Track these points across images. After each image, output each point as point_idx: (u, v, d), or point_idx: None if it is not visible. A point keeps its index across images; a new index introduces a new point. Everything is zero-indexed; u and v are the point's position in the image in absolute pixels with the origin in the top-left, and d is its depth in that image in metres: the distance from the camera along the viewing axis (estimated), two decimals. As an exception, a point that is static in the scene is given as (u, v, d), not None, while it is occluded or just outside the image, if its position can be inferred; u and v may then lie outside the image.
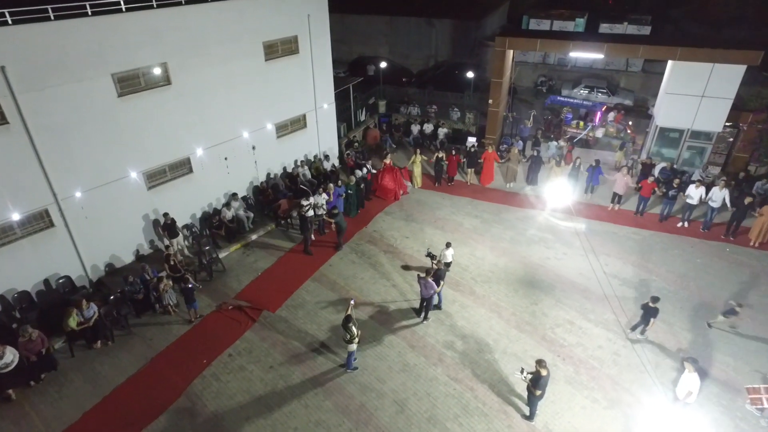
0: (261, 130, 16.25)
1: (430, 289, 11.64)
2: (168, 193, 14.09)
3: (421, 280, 11.61)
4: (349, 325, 10.23)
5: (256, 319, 12.41)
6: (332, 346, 11.52)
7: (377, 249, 15.14)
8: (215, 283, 13.78)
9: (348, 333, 10.27)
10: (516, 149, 18.48)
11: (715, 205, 14.96)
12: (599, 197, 17.67)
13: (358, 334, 10.44)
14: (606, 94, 25.11)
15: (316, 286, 13.58)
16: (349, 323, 10.22)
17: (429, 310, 12.17)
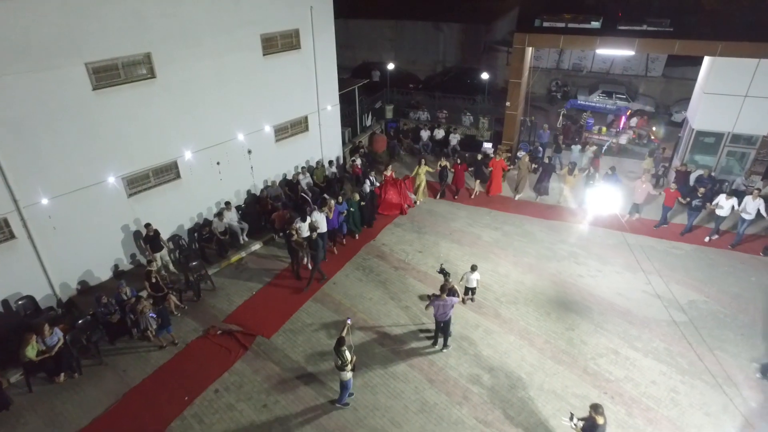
0: (258, 132, 14.69)
1: (448, 310, 9.96)
2: (151, 201, 12.47)
3: (434, 301, 9.93)
4: (341, 349, 8.60)
5: (249, 347, 10.70)
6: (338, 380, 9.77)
7: (387, 265, 13.46)
8: (203, 303, 12.09)
9: (340, 358, 8.65)
10: (527, 157, 16.89)
11: (748, 217, 13.30)
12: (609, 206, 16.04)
13: (352, 360, 8.81)
14: (625, 99, 23.64)
15: (317, 308, 11.88)
16: (341, 347, 8.60)
17: (448, 336, 10.46)
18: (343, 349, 8.62)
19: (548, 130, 19.26)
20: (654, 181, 16.86)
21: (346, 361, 8.66)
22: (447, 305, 9.91)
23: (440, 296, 9.90)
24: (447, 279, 10.63)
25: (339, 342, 8.63)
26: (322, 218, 12.95)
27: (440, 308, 9.96)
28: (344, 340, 8.66)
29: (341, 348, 8.61)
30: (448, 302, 9.89)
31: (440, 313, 10.00)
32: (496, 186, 17.08)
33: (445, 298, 9.85)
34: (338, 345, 8.63)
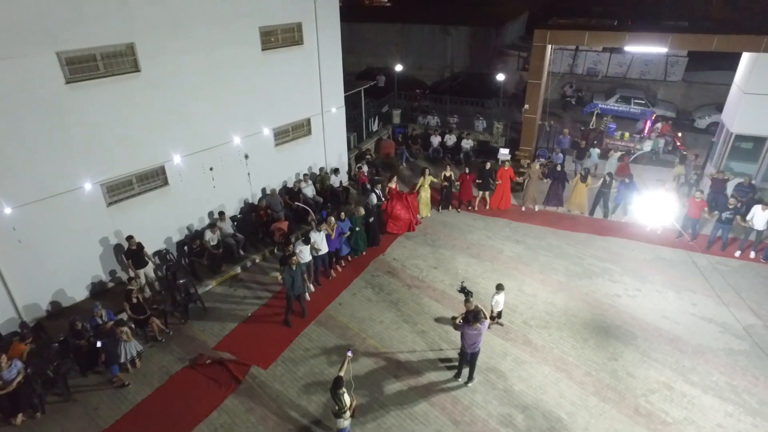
0: (256, 135, 13.35)
1: (478, 340, 8.52)
2: (135, 210, 11.09)
3: (464, 329, 8.49)
4: (339, 392, 7.17)
5: (242, 379, 9.23)
6: (345, 421, 8.31)
7: (398, 282, 12.03)
8: (191, 327, 10.63)
9: (337, 403, 7.21)
10: (537, 164, 15.42)
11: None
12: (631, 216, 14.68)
13: (352, 405, 7.38)
14: (644, 105, 22.34)
15: (321, 333, 10.42)
16: (339, 389, 7.16)
17: (474, 369, 8.99)
18: (341, 392, 7.17)
19: (568, 135, 17.91)
20: (686, 189, 15.49)
21: (345, 407, 7.22)
22: (480, 334, 8.44)
23: (472, 324, 8.39)
24: (469, 299, 9.19)
25: (336, 383, 7.18)
26: (322, 238, 11.37)
27: (471, 338, 8.48)
28: (342, 381, 7.21)
29: (338, 391, 7.16)
30: (482, 330, 8.43)
31: (471, 343, 8.52)
32: (504, 198, 15.55)
33: (478, 326, 8.37)
34: (335, 387, 7.19)
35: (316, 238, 11.23)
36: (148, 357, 9.82)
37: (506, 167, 15.35)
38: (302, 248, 10.89)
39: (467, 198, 15.51)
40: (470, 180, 15.29)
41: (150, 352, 9.96)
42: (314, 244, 11.13)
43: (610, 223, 14.58)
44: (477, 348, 8.62)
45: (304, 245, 10.91)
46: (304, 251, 10.94)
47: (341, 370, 7.48)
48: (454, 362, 9.53)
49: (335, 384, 7.19)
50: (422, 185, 14.78)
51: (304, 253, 10.91)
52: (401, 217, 14.11)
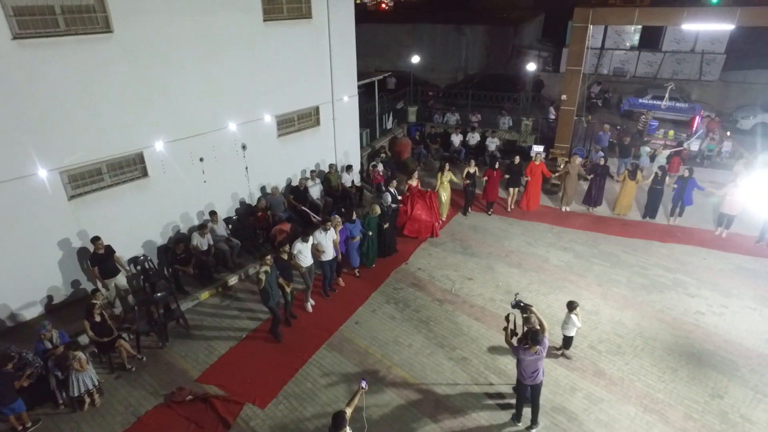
0: (255, 122, 11.33)
1: (539, 367, 6.34)
2: (104, 206, 9.00)
3: (520, 354, 6.31)
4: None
5: (232, 423, 7.02)
6: (371, 486, 6.08)
7: (427, 297, 9.85)
8: (170, 352, 8.45)
9: None
10: (578, 158, 13.44)
11: None
12: (692, 220, 12.61)
13: None
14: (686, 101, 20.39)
15: (335, 360, 8.22)
16: (339, 430, 5.07)
17: (538, 408, 6.77)
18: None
19: (609, 131, 15.90)
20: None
21: None
22: (540, 359, 6.29)
23: (530, 348, 6.26)
24: (528, 314, 7.04)
25: (337, 423, 5.10)
26: (328, 239, 9.30)
27: (530, 366, 6.33)
28: (345, 419, 5.13)
29: None
30: (542, 354, 6.28)
31: (530, 372, 6.37)
32: (534, 197, 13.59)
33: (537, 349, 6.23)
34: (335, 427, 5.10)
35: (320, 238, 9.20)
36: (111, 391, 7.63)
37: (537, 162, 13.31)
38: (301, 247, 8.91)
39: (492, 198, 13.42)
40: (497, 177, 13.22)
41: (115, 384, 7.77)
42: (317, 245, 9.13)
43: (669, 228, 12.44)
44: (539, 379, 6.44)
45: (302, 243, 8.94)
46: (303, 251, 8.95)
47: (349, 405, 5.44)
48: (508, 399, 7.33)
49: (335, 423, 5.09)
50: (441, 183, 12.71)
51: (303, 255, 8.94)
52: (422, 219, 11.98)
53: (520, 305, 7.27)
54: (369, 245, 10.59)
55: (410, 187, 12.17)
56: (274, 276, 8.26)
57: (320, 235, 9.23)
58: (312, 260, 9.23)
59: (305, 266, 9.05)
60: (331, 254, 9.39)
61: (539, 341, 6.21)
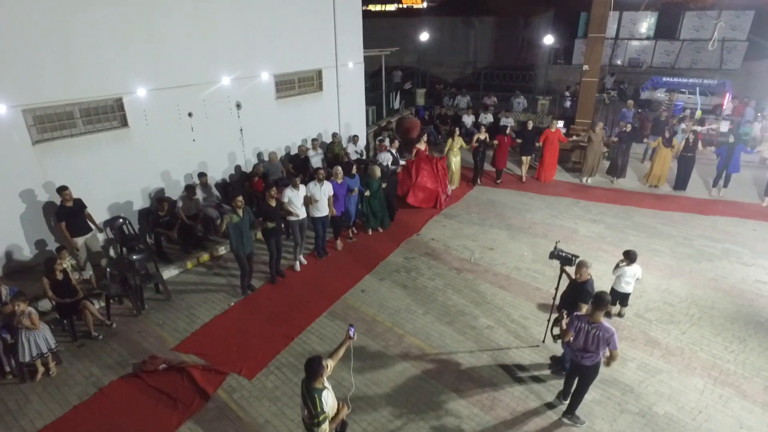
0: (252, 79, 10.30)
1: (601, 345, 4.97)
2: (77, 156, 7.89)
3: (573, 323, 5.00)
4: (315, 388, 3.94)
5: (212, 394, 5.77)
6: (382, 466, 4.82)
7: (443, 266, 8.63)
8: (146, 320, 7.24)
9: (313, 406, 3.90)
10: (600, 125, 12.50)
11: None
12: (738, 191, 11.56)
13: (338, 415, 4.15)
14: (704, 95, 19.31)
15: (336, 328, 6.98)
16: (314, 380, 3.95)
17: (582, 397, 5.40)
18: (320, 389, 3.92)
19: (633, 108, 14.81)
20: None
21: (321, 413, 3.88)
22: (601, 335, 4.87)
23: (592, 313, 4.91)
24: (581, 265, 5.83)
25: (311, 369, 3.92)
26: (323, 194, 8.31)
27: (586, 339, 4.93)
28: (322, 366, 3.94)
29: (314, 383, 3.92)
30: (602, 328, 4.89)
31: (585, 347, 4.96)
32: (550, 168, 12.55)
33: (599, 319, 4.91)
34: (310, 376, 3.93)
35: (314, 190, 8.25)
36: (72, 360, 6.41)
37: (553, 129, 12.26)
38: (291, 195, 8.04)
39: (501, 166, 12.46)
40: (508, 143, 12.30)
41: (77, 353, 6.55)
42: (312, 196, 8.21)
43: (708, 201, 11.26)
44: (596, 358, 4.95)
45: (293, 191, 8.04)
46: (294, 201, 8.05)
47: (332, 356, 4.31)
48: (545, 371, 6.07)
49: (309, 371, 3.91)
50: (451, 149, 11.75)
51: (294, 205, 8.06)
52: (427, 187, 10.91)
53: (561, 255, 6.06)
54: (373, 207, 9.64)
55: (418, 151, 11.14)
56: (248, 221, 7.32)
57: (314, 186, 8.27)
58: (305, 213, 8.27)
59: (296, 219, 8.15)
60: (325, 210, 8.44)
61: (604, 303, 4.88)
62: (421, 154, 11.16)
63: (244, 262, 7.56)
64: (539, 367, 6.16)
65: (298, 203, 8.09)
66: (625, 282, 6.73)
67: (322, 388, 3.95)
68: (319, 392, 3.90)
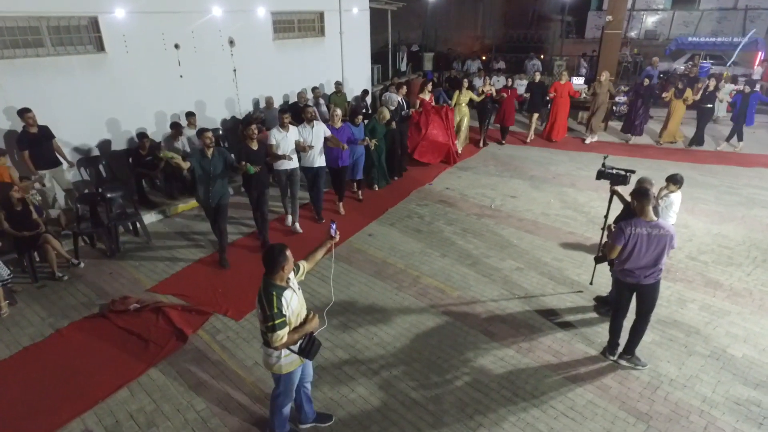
0: (245, 14, 9.31)
1: (661, 255, 3.97)
2: (43, 79, 6.89)
3: (625, 230, 3.96)
4: (272, 284, 3.06)
5: (190, 335, 4.79)
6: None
7: (461, 212, 7.64)
8: (119, 262, 6.28)
9: (268, 305, 3.00)
10: (606, 75, 11.21)
11: None
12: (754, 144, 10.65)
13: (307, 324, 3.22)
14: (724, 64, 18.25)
15: (340, 269, 6.00)
16: (273, 275, 3.06)
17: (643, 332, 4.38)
18: (281, 287, 3.08)
19: (657, 65, 13.78)
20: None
21: (277, 315, 3.00)
22: (661, 235, 3.93)
23: (640, 209, 4.00)
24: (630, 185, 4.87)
25: (271, 260, 3.04)
26: (316, 138, 6.72)
27: (646, 247, 3.95)
28: (285, 258, 3.04)
29: (273, 280, 3.08)
30: (661, 226, 3.95)
31: (643, 259, 4.00)
32: (561, 125, 11.42)
33: (654, 219, 3.97)
34: (269, 271, 3.08)
35: (306, 134, 6.66)
36: (29, 301, 5.44)
37: (563, 81, 11.14)
38: (278, 138, 6.36)
39: (508, 122, 11.26)
40: (513, 96, 11.15)
41: (36, 294, 5.58)
42: (302, 141, 6.56)
43: (745, 155, 10.25)
44: (656, 277, 4.04)
45: (279, 132, 6.39)
46: (282, 145, 6.36)
47: (308, 258, 3.56)
48: (587, 314, 5.09)
49: (268, 260, 3.05)
50: (457, 103, 10.46)
51: (283, 148, 6.36)
52: (438, 140, 9.69)
53: (611, 173, 5.07)
54: (375, 160, 8.36)
55: (423, 102, 9.98)
56: (221, 164, 5.68)
57: (305, 129, 6.68)
58: (296, 163, 6.69)
59: (285, 168, 6.61)
60: (319, 160, 6.90)
61: (647, 196, 3.95)
62: (426, 105, 10.01)
63: (209, 215, 6.03)
64: (583, 309, 5.17)
65: (287, 148, 6.44)
66: (674, 212, 5.67)
67: (284, 286, 3.06)
68: (279, 289, 3.01)
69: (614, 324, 4.37)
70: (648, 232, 3.92)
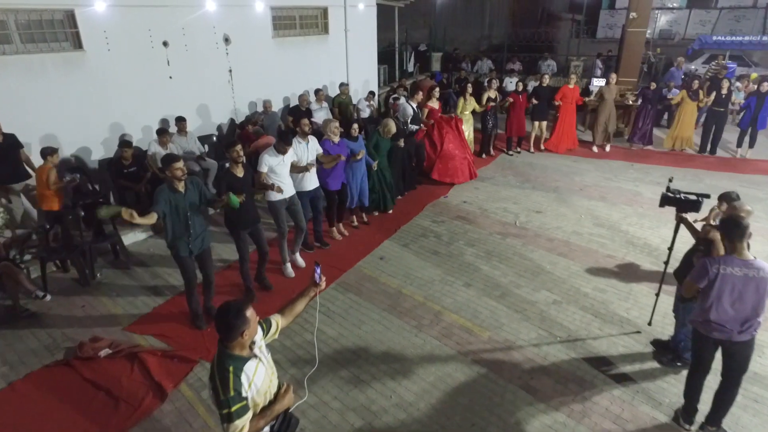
0: (243, 9, 8.49)
1: (761, 307, 3.16)
2: (13, 80, 6.04)
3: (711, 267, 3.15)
4: (228, 355, 2.27)
5: (170, 391, 3.96)
6: None
7: (482, 230, 6.80)
8: (94, 291, 5.46)
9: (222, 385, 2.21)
10: (614, 77, 10.28)
11: None
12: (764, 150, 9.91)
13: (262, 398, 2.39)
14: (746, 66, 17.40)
15: (348, 302, 5.18)
16: (230, 342, 2.26)
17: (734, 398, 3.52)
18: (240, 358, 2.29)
19: (682, 66, 12.96)
20: None
21: (232, 399, 2.19)
22: (761, 285, 3.08)
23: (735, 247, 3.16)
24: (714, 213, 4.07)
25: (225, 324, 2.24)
26: (309, 152, 5.66)
27: (734, 297, 3.13)
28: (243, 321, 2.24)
29: (230, 349, 2.28)
30: (758, 267, 3.10)
31: (735, 308, 3.17)
32: (569, 134, 10.41)
33: (750, 257, 3.13)
34: (223, 337, 2.27)
35: (299, 152, 5.56)
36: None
37: (571, 85, 10.17)
38: (272, 163, 5.14)
39: (518, 133, 10.20)
40: (523, 104, 10.00)
41: (-8, 333, 4.75)
42: (297, 161, 5.48)
43: (789, 165, 9.43)
44: (751, 332, 3.21)
45: (274, 157, 5.17)
46: (277, 171, 5.19)
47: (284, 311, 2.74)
48: (647, 364, 4.26)
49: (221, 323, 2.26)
50: (462, 112, 9.45)
51: (277, 176, 5.20)
52: (455, 155, 8.67)
53: (680, 198, 4.25)
54: (379, 181, 7.17)
55: (431, 111, 8.93)
56: (196, 197, 4.41)
57: (299, 146, 5.56)
58: (293, 189, 5.49)
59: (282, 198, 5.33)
60: (313, 181, 5.81)
61: (741, 228, 3.12)
62: (435, 114, 9.03)
63: (188, 271, 4.59)
64: (640, 357, 4.34)
65: (282, 173, 5.25)
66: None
67: (245, 356, 2.30)
68: (237, 362, 2.25)
69: (691, 385, 3.55)
70: (744, 274, 3.11)
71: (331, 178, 6.12)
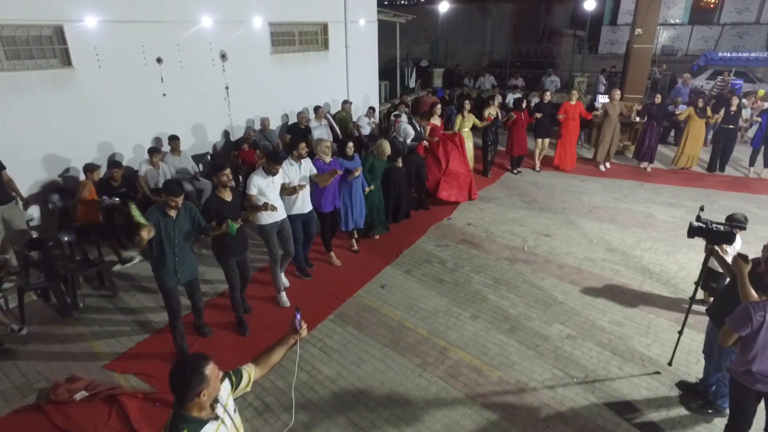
0: (240, 24, 8.26)
1: None
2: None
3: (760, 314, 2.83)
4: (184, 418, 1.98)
5: (151, 442, 3.60)
6: None
7: (488, 255, 6.46)
8: (75, 324, 5.11)
9: None
10: (617, 93, 9.99)
11: None
12: None
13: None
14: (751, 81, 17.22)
15: (346, 336, 4.82)
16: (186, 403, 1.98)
17: None
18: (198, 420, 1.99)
19: (689, 83, 12.74)
20: None
21: None
22: None
23: None
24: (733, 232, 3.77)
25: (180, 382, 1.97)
26: (300, 175, 5.33)
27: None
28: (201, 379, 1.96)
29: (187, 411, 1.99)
30: None
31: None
32: (571, 152, 10.06)
33: None
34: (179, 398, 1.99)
35: (291, 173, 5.24)
36: None
37: (573, 101, 9.79)
38: (261, 185, 4.81)
39: (519, 152, 9.77)
40: (525, 121, 9.59)
41: (-39, 371, 4.39)
42: (288, 183, 5.17)
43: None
44: None
45: (263, 178, 4.84)
46: (266, 192, 4.83)
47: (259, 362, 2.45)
48: (675, 409, 3.88)
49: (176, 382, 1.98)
50: (461, 128, 9.06)
51: (266, 197, 4.80)
52: (459, 173, 8.35)
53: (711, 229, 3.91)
54: (373, 203, 6.79)
55: (434, 129, 8.59)
56: (188, 225, 4.17)
57: (291, 168, 5.25)
58: (284, 213, 5.19)
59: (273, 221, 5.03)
60: (309, 202, 5.54)
61: None
62: (437, 131, 8.72)
63: (172, 301, 4.31)
64: (666, 402, 3.97)
65: (271, 195, 4.89)
66: (731, 250, 4.53)
67: (203, 418, 1.99)
68: (192, 426, 1.96)
69: (738, 417, 3.18)
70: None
71: (324, 200, 5.81)
